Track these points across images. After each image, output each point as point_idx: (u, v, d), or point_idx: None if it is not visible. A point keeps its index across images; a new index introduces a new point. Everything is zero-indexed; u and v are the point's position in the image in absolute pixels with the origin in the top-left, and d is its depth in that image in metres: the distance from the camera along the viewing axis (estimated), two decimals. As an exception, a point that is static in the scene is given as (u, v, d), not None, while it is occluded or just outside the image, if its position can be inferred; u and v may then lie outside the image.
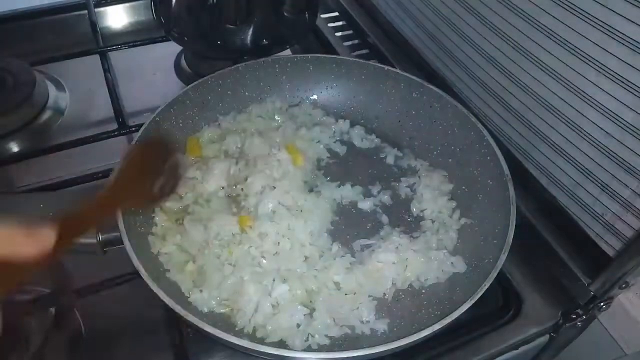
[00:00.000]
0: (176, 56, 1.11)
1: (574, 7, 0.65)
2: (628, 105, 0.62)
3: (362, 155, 0.89)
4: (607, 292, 0.69)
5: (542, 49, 0.71)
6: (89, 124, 0.97)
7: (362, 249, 0.75)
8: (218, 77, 0.87)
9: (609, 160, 0.66)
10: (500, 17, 0.77)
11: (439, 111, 0.85)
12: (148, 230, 0.73)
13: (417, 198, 0.81)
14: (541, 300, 0.74)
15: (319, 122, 0.92)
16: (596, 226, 0.71)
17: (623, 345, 0.74)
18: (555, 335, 0.72)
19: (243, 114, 0.90)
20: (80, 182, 0.82)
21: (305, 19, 1.00)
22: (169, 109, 0.81)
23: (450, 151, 0.84)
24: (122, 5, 1.18)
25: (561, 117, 0.72)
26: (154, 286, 0.58)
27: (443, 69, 0.95)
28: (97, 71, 1.00)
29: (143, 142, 0.75)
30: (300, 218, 0.74)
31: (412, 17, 1.01)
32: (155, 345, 0.68)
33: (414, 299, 0.71)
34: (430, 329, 0.58)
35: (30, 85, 0.96)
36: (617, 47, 0.61)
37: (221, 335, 0.56)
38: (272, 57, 0.91)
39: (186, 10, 0.92)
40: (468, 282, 0.70)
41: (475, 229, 0.76)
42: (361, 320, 0.67)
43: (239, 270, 0.68)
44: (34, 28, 1.13)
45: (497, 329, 0.70)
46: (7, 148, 0.92)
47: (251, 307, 0.66)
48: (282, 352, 0.59)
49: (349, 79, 0.93)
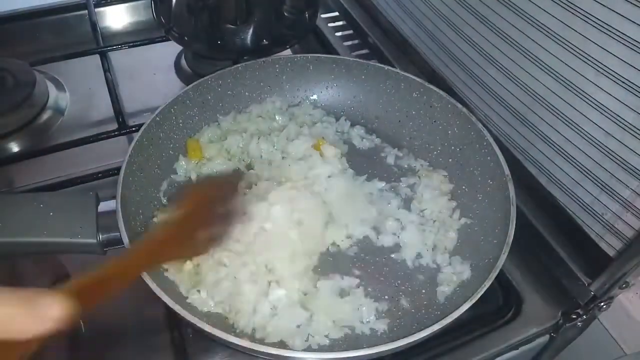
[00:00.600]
0: (176, 56, 1.11)
1: (574, 7, 0.65)
2: (628, 105, 0.62)
3: (362, 155, 0.89)
4: (607, 292, 0.69)
5: (542, 48, 0.71)
6: (89, 124, 0.97)
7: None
8: (218, 77, 0.87)
9: (609, 159, 0.66)
10: (500, 16, 0.77)
11: (439, 111, 0.85)
12: (148, 230, 0.73)
13: (417, 198, 0.81)
14: (541, 300, 0.74)
15: (319, 122, 0.91)
16: (596, 226, 0.71)
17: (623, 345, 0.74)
18: (555, 335, 0.72)
19: (243, 114, 0.90)
20: (80, 182, 0.82)
21: (305, 19, 1.00)
22: (169, 109, 0.81)
23: (450, 151, 0.84)
24: (122, 5, 1.18)
25: (561, 117, 0.72)
26: (153, 286, 0.58)
27: (443, 69, 0.95)
28: (97, 71, 1.00)
29: (205, 183, 0.69)
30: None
31: (412, 17, 1.01)
32: (155, 345, 0.68)
33: (413, 298, 0.71)
34: (430, 329, 0.58)
35: (30, 85, 0.96)
36: (617, 47, 0.61)
37: (221, 335, 0.56)
38: (272, 57, 0.91)
39: (186, 10, 0.92)
40: (468, 282, 0.70)
41: (475, 229, 0.76)
42: (361, 320, 0.67)
43: (233, 270, 0.68)
44: (34, 28, 1.13)
45: (497, 329, 0.70)
46: (7, 148, 0.92)
47: (249, 308, 0.66)
48: (282, 352, 0.59)
49: (349, 79, 0.93)
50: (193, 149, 0.84)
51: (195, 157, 0.83)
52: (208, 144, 0.85)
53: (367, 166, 0.86)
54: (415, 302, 0.70)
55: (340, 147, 0.86)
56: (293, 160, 0.82)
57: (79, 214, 0.65)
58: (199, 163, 0.83)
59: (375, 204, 0.79)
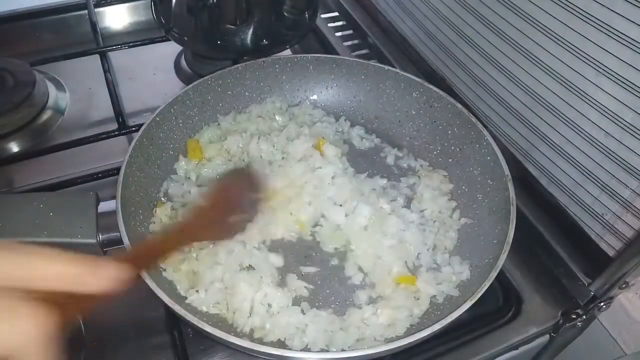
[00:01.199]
0: (176, 56, 1.11)
1: (574, 7, 0.65)
2: (628, 105, 0.62)
3: (362, 155, 0.89)
4: (607, 292, 0.69)
5: (542, 48, 0.71)
6: (89, 124, 0.97)
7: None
8: (218, 77, 0.87)
9: (609, 160, 0.66)
10: (500, 16, 0.77)
11: (439, 111, 0.85)
12: (147, 230, 0.73)
13: (417, 198, 0.81)
14: (541, 300, 0.74)
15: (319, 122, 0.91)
16: (596, 226, 0.71)
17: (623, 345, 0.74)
18: (555, 335, 0.72)
19: (243, 114, 0.90)
20: (81, 182, 0.82)
21: (305, 19, 1.00)
22: (169, 108, 0.81)
23: (450, 151, 0.84)
24: (122, 5, 1.18)
25: (561, 117, 0.72)
26: (153, 286, 0.58)
27: (443, 69, 0.95)
28: (97, 71, 1.00)
29: (234, 172, 0.76)
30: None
31: (412, 17, 1.01)
32: (155, 345, 0.68)
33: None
34: (430, 329, 0.58)
35: (30, 85, 0.96)
36: (617, 47, 0.61)
37: (221, 335, 0.56)
38: (272, 57, 0.91)
39: (186, 10, 0.92)
40: (468, 282, 0.70)
41: (475, 229, 0.76)
42: (361, 319, 0.67)
43: (228, 269, 0.68)
44: (34, 28, 1.13)
45: (497, 329, 0.70)
46: (7, 148, 0.92)
47: (247, 307, 0.66)
48: (282, 352, 0.59)
49: (349, 79, 0.93)
50: (193, 149, 0.84)
51: (195, 157, 0.83)
52: (208, 144, 0.85)
53: (367, 166, 0.86)
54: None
55: (340, 146, 0.86)
56: (294, 160, 0.82)
57: (79, 214, 0.65)
58: (199, 163, 0.83)
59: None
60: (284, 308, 0.67)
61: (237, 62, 0.90)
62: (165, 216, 0.75)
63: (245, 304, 0.66)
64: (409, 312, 0.67)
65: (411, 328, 0.66)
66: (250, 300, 0.66)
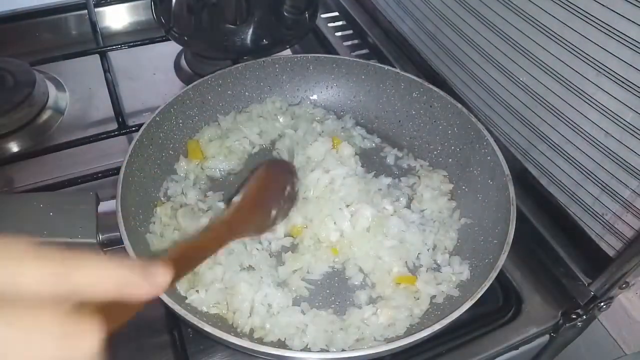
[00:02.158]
0: (176, 56, 1.11)
1: (574, 7, 0.65)
2: (628, 105, 0.62)
3: (362, 155, 0.89)
4: (607, 292, 0.69)
5: (542, 48, 0.71)
6: (89, 124, 0.97)
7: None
8: (218, 77, 0.87)
9: (609, 160, 0.66)
10: (500, 16, 0.77)
11: (439, 111, 0.85)
12: (147, 229, 0.73)
13: (417, 198, 0.81)
14: (541, 300, 0.74)
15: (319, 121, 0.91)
16: (596, 226, 0.71)
17: (623, 345, 0.74)
18: (555, 335, 0.72)
19: (243, 113, 0.90)
20: (81, 182, 0.82)
21: (305, 19, 0.99)
22: (169, 108, 0.81)
23: (450, 151, 0.84)
24: (122, 5, 1.18)
25: (561, 117, 0.72)
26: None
27: (443, 69, 0.95)
28: (97, 71, 1.00)
29: (269, 163, 0.73)
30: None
31: (412, 17, 1.01)
32: (155, 345, 0.68)
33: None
34: (430, 329, 0.58)
35: (30, 85, 0.96)
36: (617, 47, 0.61)
37: (221, 335, 0.56)
38: (272, 57, 0.91)
39: (186, 10, 0.92)
40: (468, 282, 0.70)
41: (475, 229, 0.76)
42: (361, 319, 0.67)
43: (228, 269, 0.68)
44: (34, 28, 1.13)
45: (497, 329, 0.70)
46: (7, 148, 0.92)
47: (247, 307, 0.66)
48: (282, 352, 0.59)
49: (349, 79, 0.93)
50: (193, 149, 0.84)
51: (195, 157, 0.83)
52: (208, 144, 0.85)
53: (367, 166, 0.86)
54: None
55: (352, 145, 0.86)
56: (314, 162, 0.82)
57: (79, 214, 0.65)
58: (199, 164, 0.83)
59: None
60: (284, 308, 0.67)
61: (237, 62, 0.90)
62: (165, 216, 0.75)
63: (245, 304, 0.66)
64: (409, 312, 0.68)
65: (411, 328, 0.67)
66: (250, 300, 0.66)
